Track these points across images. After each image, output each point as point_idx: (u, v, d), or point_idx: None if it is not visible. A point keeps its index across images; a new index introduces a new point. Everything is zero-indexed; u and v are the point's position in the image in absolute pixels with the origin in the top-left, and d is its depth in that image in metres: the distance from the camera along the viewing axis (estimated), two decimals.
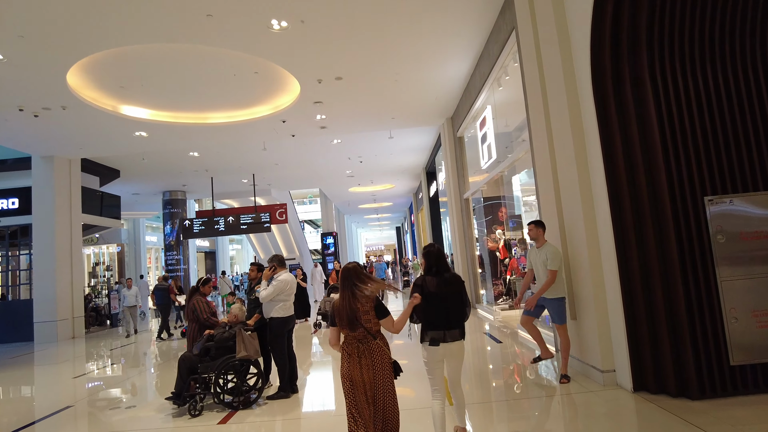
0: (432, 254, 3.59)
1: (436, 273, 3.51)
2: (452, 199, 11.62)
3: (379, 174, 19.43)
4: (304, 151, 14.75)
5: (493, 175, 8.57)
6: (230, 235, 17.86)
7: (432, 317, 3.41)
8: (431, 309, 3.40)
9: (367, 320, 3.13)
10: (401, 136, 13.67)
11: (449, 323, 3.40)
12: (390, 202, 28.61)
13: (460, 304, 3.49)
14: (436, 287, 3.43)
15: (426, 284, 3.46)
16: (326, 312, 9.69)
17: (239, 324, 5.04)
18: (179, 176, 16.92)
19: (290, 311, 5.15)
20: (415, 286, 3.53)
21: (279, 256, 5.26)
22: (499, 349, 7.18)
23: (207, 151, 13.80)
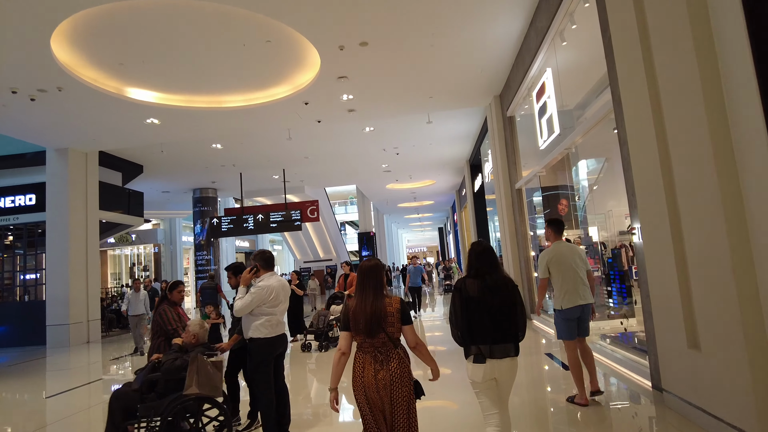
0: (474, 252, 3.01)
1: (477, 275, 2.91)
2: (501, 191, 9.93)
3: (417, 168, 17.87)
4: (334, 143, 13.43)
5: (555, 154, 6.86)
6: (260, 233, 16.83)
7: (473, 328, 2.84)
8: (472, 318, 2.84)
9: (391, 323, 2.68)
10: (441, 121, 12.09)
11: (496, 335, 2.83)
12: (431, 201, 26.96)
13: (512, 313, 2.86)
14: (478, 292, 2.86)
15: (465, 288, 2.89)
16: (320, 329, 8.28)
17: (199, 347, 3.65)
18: (207, 172, 16.03)
19: (278, 329, 3.72)
20: (455, 291, 2.96)
21: (264, 254, 3.86)
22: (566, 379, 5.50)
23: (229, 142, 12.73)
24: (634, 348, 5.33)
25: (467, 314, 2.85)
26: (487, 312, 2.82)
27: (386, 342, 2.66)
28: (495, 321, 2.82)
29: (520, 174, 9.42)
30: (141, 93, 9.14)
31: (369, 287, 2.72)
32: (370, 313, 2.64)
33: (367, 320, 2.64)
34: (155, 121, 10.18)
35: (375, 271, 2.78)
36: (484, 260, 2.93)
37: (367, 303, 2.67)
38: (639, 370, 4.75)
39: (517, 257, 9.67)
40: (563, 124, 6.64)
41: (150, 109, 9.53)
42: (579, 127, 5.85)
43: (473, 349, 2.85)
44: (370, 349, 2.66)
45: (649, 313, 4.20)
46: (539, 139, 7.55)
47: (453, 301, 2.93)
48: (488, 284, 2.87)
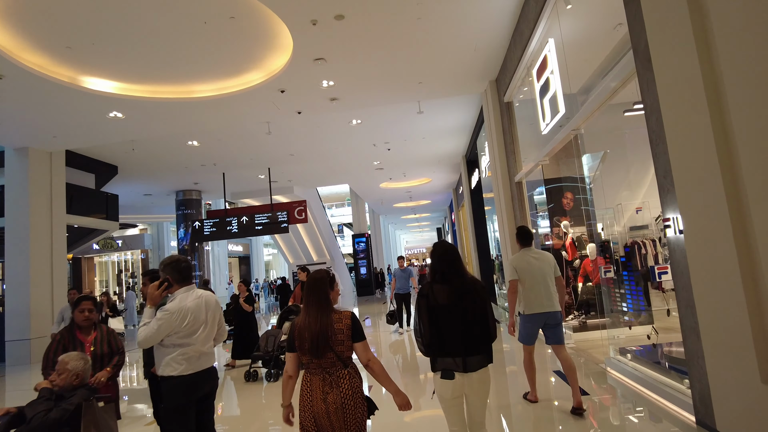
0: (435, 254, 2.77)
1: (443, 279, 2.68)
2: (499, 185, 9.01)
3: (411, 165, 16.96)
4: (320, 138, 12.51)
5: (560, 138, 5.94)
6: (245, 237, 15.95)
7: (443, 340, 2.58)
8: (442, 328, 2.58)
9: (340, 341, 2.45)
10: (433, 112, 11.18)
11: (468, 347, 2.58)
12: (428, 200, 26.04)
13: (483, 320, 2.62)
14: (447, 298, 2.61)
15: (433, 294, 2.64)
16: (268, 353, 6.70)
17: (81, 389, 2.72)
18: (187, 173, 15.12)
19: (199, 364, 2.82)
20: (420, 298, 2.69)
21: (178, 263, 2.94)
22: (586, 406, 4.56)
23: (206, 139, 11.82)
24: (662, 367, 4.39)
25: (436, 324, 2.59)
26: (459, 320, 2.58)
27: (335, 362, 2.46)
28: (467, 330, 2.58)
29: (519, 166, 8.50)
30: (98, 82, 8.23)
31: (313, 302, 2.52)
32: (316, 331, 2.43)
33: (314, 339, 2.43)
34: (119, 115, 9.26)
35: (319, 283, 2.56)
36: (447, 262, 2.69)
37: (312, 320, 2.47)
38: (675, 399, 3.82)
39: None
40: (568, 104, 5.73)
41: (111, 101, 8.62)
42: (592, 99, 4.89)
43: (441, 363, 2.61)
44: (318, 371, 2.46)
45: (692, 329, 3.27)
46: (541, 123, 6.64)
47: (418, 310, 2.67)
48: (458, 289, 2.62)
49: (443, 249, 2.77)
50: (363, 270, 23.32)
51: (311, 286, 2.56)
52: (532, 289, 4.25)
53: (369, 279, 23.24)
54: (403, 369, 7.01)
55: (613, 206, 8.73)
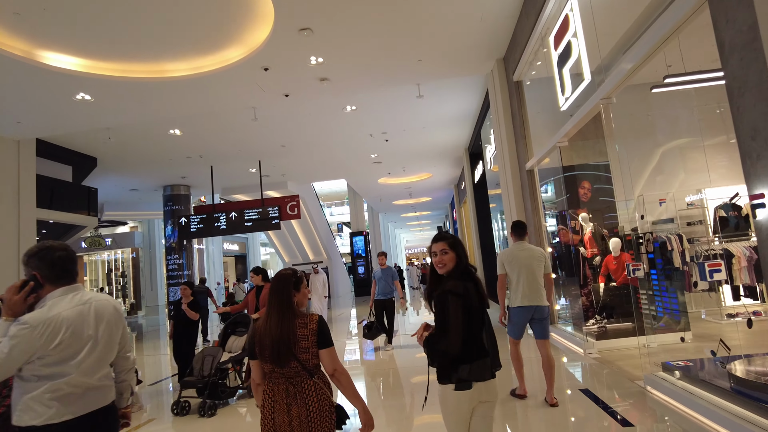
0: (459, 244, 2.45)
1: (470, 277, 2.37)
2: (508, 175, 8.12)
3: (411, 158, 16.04)
4: (312, 127, 11.62)
5: (585, 111, 5.03)
6: (233, 233, 15.05)
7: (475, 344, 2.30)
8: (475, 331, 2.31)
9: (305, 348, 2.23)
10: (434, 96, 10.27)
11: (489, 350, 2.34)
12: (428, 197, 25.13)
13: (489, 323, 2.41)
14: (476, 299, 2.32)
15: (469, 294, 2.29)
16: (203, 378, 5.18)
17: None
18: (173, 166, 14.23)
19: (83, 404, 1.91)
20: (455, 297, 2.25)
21: (46, 250, 2.08)
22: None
23: (188, 127, 10.93)
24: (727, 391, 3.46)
25: (469, 327, 2.28)
26: (483, 322, 2.35)
27: (299, 371, 2.24)
28: (487, 333, 2.37)
29: (530, 152, 7.61)
30: (59, 58, 7.34)
31: (275, 305, 2.30)
32: (277, 337, 2.22)
33: (274, 345, 2.21)
34: (87, 97, 8.37)
35: (282, 284, 2.35)
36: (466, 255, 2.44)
37: (273, 324, 2.25)
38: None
39: None
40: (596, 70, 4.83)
41: (76, 80, 7.73)
42: (642, 45, 3.85)
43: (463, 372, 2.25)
44: (281, 380, 2.25)
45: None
46: (559, 99, 5.74)
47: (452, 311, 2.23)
48: (480, 286, 2.40)
49: (457, 239, 2.48)
50: (361, 269, 22.43)
51: (274, 287, 2.36)
52: (518, 283, 4.31)
53: (367, 279, 22.34)
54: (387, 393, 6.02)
55: (634, 198, 7.88)
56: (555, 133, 6.16)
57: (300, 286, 2.41)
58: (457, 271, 2.38)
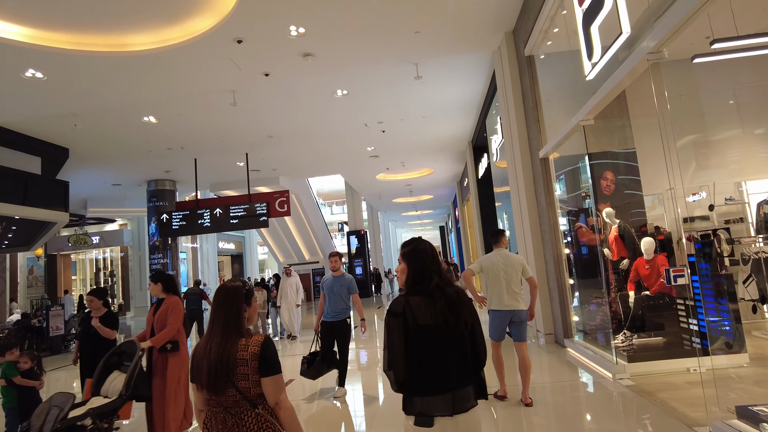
0: (417, 251, 2.14)
1: (424, 290, 2.05)
2: (517, 165, 7.08)
3: (410, 152, 14.99)
4: (300, 115, 10.59)
5: (629, 67, 3.95)
6: (218, 231, 14.07)
7: (425, 372, 1.96)
8: (423, 358, 1.97)
9: (244, 375, 1.93)
10: (434, 79, 9.22)
11: (457, 379, 1.98)
12: (430, 195, 24.07)
13: (473, 342, 2.04)
14: (432, 316, 2.00)
15: (412, 312, 2.00)
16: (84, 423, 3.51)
17: None
18: (154, 158, 13.22)
19: None
20: (392, 317, 2.03)
21: None
22: None
23: (163, 114, 9.92)
24: None
25: (416, 352, 1.96)
26: (445, 345, 1.98)
27: (239, 401, 1.94)
28: (456, 357, 1.98)
29: (544, 138, 6.56)
30: (4, 27, 6.34)
31: (219, 323, 2.00)
32: (214, 361, 1.92)
33: (211, 370, 1.92)
34: (38, 75, 7.37)
35: (230, 298, 2.03)
36: (432, 264, 2.09)
37: (213, 345, 1.95)
38: None
39: (542, 258, 6.81)
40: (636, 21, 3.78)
41: (24, 54, 6.74)
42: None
43: (419, 404, 1.94)
44: (219, 410, 1.96)
45: None
46: (585, 65, 4.69)
47: (390, 334, 1.99)
48: (444, 303, 2.00)
49: (425, 246, 2.15)
50: (359, 270, 21.41)
51: (219, 301, 2.04)
52: (495, 288, 4.47)
53: (365, 280, 21.31)
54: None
55: (663, 191, 6.84)
56: (577, 111, 5.11)
57: (251, 300, 2.11)
58: (407, 284, 2.10)
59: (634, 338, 5.15)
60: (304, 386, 5.94)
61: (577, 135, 5.44)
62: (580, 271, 6.32)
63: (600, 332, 5.76)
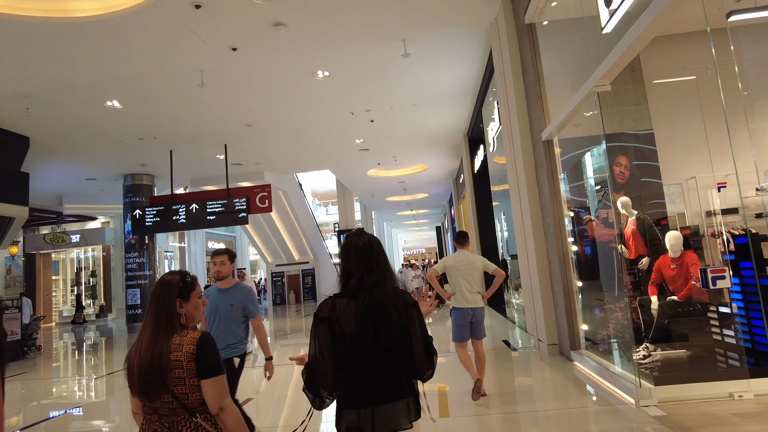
0: (352, 248, 1.91)
1: (358, 291, 1.82)
2: (516, 151, 6.20)
3: (402, 145, 14.08)
4: (279, 101, 9.68)
5: (661, 6, 3.04)
6: (195, 228, 13.17)
7: (350, 384, 1.80)
8: (346, 366, 1.79)
9: (179, 378, 1.71)
10: (424, 57, 8.31)
11: (379, 395, 1.77)
12: (425, 193, 23.16)
13: (406, 354, 1.81)
14: (356, 321, 1.78)
15: (336, 316, 1.80)
16: None
17: None
18: (126, 150, 12.30)
19: None
20: (318, 322, 1.82)
21: None
22: None
23: (128, 99, 9.00)
24: None
25: (338, 359, 1.78)
26: (368, 354, 1.76)
27: (175, 408, 1.71)
28: (381, 367, 1.77)
29: (547, 117, 5.67)
30: None
31: (151, 319, 1.80)
32: (145, 361, 1.72)
33: (141, 372, 1.72)
34: None
35: (163, 291, 1.83)
36: (368, 263, 1.84)
37: (144, 345, 1.75)
38: None
39: (545, 257, 5.91)
40: None
41: None
42: None
43: (347, 418, 1.77)
44: (153, 418, 1.75)
45: None
46: (601, 16, 3.79)
47: (315, 338, 1.80)
48: (369, 306, 1.78)
49: (365, 241, 1.89)
50: None
51: (153, 294, 1.86)
52: (456, 287, 4.66)
53: None
54: None
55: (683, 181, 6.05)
56: (588, 77, 4.21)
57: (190, 294, 1.87)
58: (340, 283, 1.90)
59: (657, 352, 4.24)
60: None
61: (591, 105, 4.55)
62: (591, 271, 5.44)
63: (615, 343, 4.86)
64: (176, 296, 1.83)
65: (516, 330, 8.60)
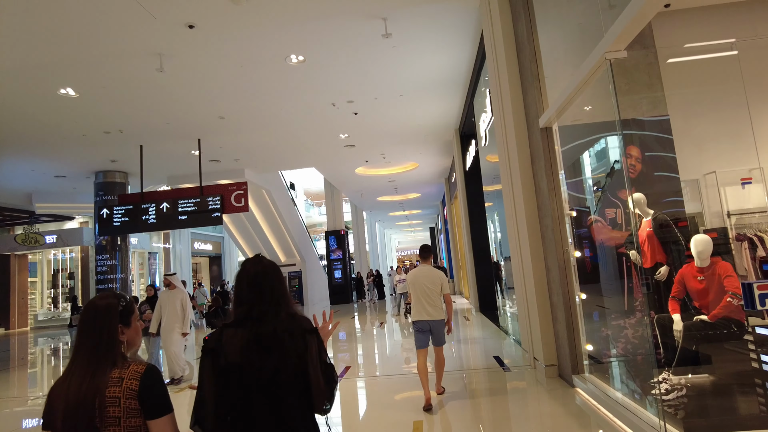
0: (246, 275, 1.81)
1: (244, 319, 1.72)
2: (509, 141, 5.39)
3: (390, 141, 13.26)
4: (252, 90, 8.84)
5: None
6: (165, 228, 12.32)
7: (237, 420, 1.66)
8: (234, 403, 1.65)
9: (113, 420, 1.50)
10: (408, 38, 7.50)
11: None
12: (417, 193, 22.35)
13: (298, 385, 1.69)
14: (241, 351, 1.66)
15: (223, 346, 1.68)
16: None
17: None
18: (92, 144, 11.43)
19: None
20: (203, 354, 1.69)
21: None
22: None
23: (83, 85, 8.14)
24: None
25: (224, 395, 1.63)
26: (254, 387, 1.63)
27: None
28: (268, 403, 1.63)
29: (545, 101, 4.87)
30: None
31: (84, 350, 1.57)
32: (73, 401, 1.48)
33: (68, 413, 1.48)
34: None
35: (101, 317, 1.61)
36: (260, 291, 1.75)
37: (75, 380, 1.52)
38: None
39: (542, 264, 5.10)
40: None
41: None
42: None
43: None
44: None
45: None
46: None
47: (200, 374, 1.67)
48: (256, 335, 1.67)
49: (260, 267, 1.80)
50: (338, 274, 19.68)
51: (85, 321, 1.62)
52: (417, 301, 4.90)
53: (345, 284, 19.56)
54: None
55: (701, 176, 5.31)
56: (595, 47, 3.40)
57: (130, 319, 1.68)
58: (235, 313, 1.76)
59: (681, 379, 3.44)
60: None
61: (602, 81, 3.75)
62: (596, 281, 4.64)
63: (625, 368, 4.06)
64: (117, 322, 1.62)
65: (509, 343, 7.79)
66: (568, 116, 4.67)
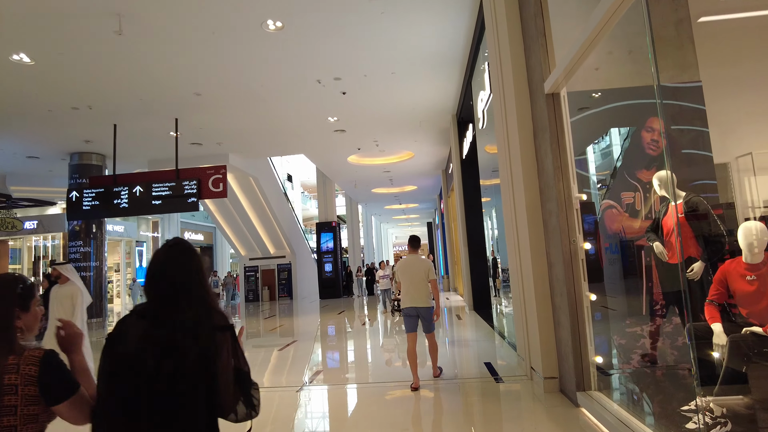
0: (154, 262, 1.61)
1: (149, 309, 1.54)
2: (508, 111, 4.58)
3: (383, 126, 12.42)
4: (226, 58, 8.02)
5: None
6: (138, 214, 11.53)
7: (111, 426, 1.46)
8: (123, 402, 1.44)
9: (10, 409, 1.38)
10: (400, 7, 6.68)
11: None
12: (413, 185, 21.53)
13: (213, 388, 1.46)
14: (136, 343, 1.46)
15: (122, 336, 1.50)
16: None
17: None
18: (59, 122, 10.63)
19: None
20: (104, 345, 1.51)
21: None
22: None
23: (38, 51, 7.33)
24: None
25: (115, 393, 1.44)
26: (147, 390, 1.41)
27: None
28: (164, 411, 1.42)
29: (551, 61, 4.05)
30: None
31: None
32: None
33: None
34: None
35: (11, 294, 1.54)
36: (161, 277, 1.56)
37: None
38: None
39: (544, 258, 4.30)
40: None
41: None
42: None
43: None
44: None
45: None
46: None
47: (99, 369, 1.49)
48: (154, 327, 1.47)
49: (161, 255, 1.59)
50: (328, 267, 18.91)
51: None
52: (407, 289, 5.20)
53: (335, 278, 18.79)
54: None
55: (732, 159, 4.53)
56: None
57: (30, 303, 1.58)
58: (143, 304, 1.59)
59: (726, 413, 2.65)
60: None
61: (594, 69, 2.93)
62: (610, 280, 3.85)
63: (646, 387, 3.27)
64: (14, 305, 1.53)
65: (504, 346, 6.99)
66: (578, 80, 3.86)
